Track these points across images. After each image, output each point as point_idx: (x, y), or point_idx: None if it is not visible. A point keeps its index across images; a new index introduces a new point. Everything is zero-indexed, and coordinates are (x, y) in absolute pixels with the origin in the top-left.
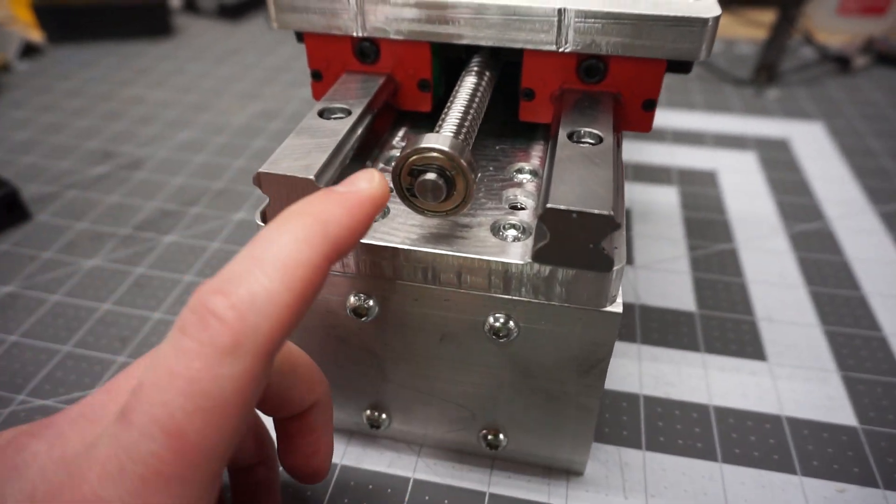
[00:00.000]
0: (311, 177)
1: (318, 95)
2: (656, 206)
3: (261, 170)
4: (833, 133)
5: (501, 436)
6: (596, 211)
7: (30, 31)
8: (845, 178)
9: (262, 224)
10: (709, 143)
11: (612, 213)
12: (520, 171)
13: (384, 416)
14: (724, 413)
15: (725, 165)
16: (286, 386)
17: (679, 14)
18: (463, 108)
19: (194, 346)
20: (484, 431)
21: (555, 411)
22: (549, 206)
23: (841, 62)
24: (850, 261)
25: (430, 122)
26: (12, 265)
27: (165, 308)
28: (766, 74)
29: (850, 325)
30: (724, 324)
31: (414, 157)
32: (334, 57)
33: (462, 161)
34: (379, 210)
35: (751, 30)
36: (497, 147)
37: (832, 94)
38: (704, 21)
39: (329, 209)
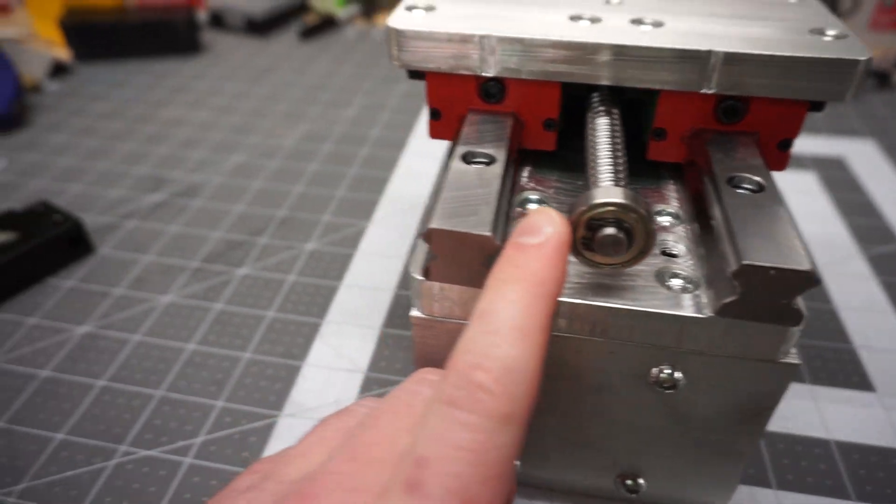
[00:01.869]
0: (489, 233)
1: (435, 134)
2: None
3: (432, 226)
4: (887, 150)
5: (641, 480)
6: (797, 268)
7: (57, 49)
8: None
9: (423, 279)
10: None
11: (812, 269)
12: (659, 213)
13: (517, 462)
14: (846, 448)
15: (787, 186)
16: None
17: (832, 56)
18: (611, 153)
19: (473, 420)
20: (622, 476)
21: (705, 456)
22: (745, 262)
23: (879, 77)
24: None
25: (553, 159)
26: (84, 303)
27: (254, 347)
28: None
29: None
30: (824, 353)
31: (589, 213)
32: (457, 96)
33: (643, 213)
34: (569, 249)
35: None
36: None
37: (876, 110)
38: (856, 63)
39: (538, 267)
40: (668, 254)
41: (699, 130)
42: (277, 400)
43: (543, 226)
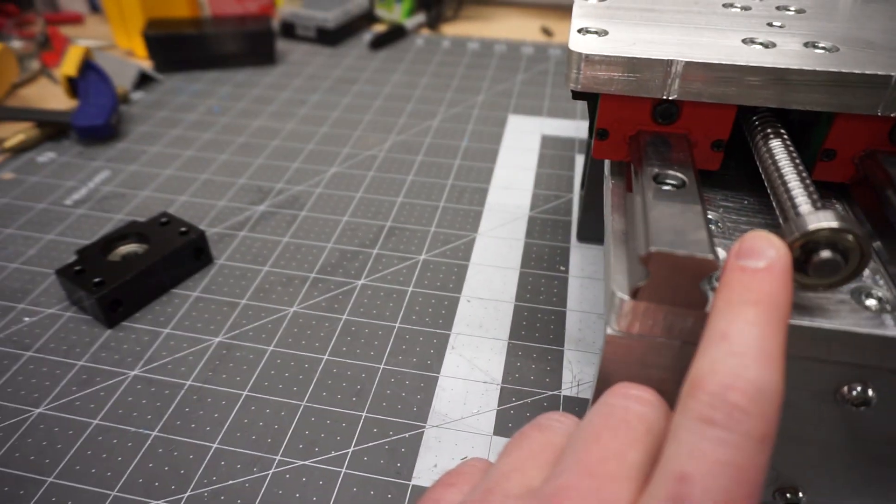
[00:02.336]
0: (711, 256)
1: (600, 153)
2: None
3: (653, 250)
4: None
5: (801, 493)
6: None
7: (142, 60)
8: None
9: (628, 298)
10: None
11: None
12: None
13: None
14: None
15: None
16: None
17: None
18: (797, 175)
19: (735, 439)
20: (780, 488)
21: (871, 471)
22: None
23: None
24: None
25: (713, 178)
26: (213, 313)
27: (387, 358)
28: None
29: None
30: None
31: (804, 239)
32: (629, 118)
33: (860, 235)
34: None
35: None
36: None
37: None
38: None
39: (771, 290)
40: None
41: (871, 152)
42: (420, 411)
43: (766, 249)
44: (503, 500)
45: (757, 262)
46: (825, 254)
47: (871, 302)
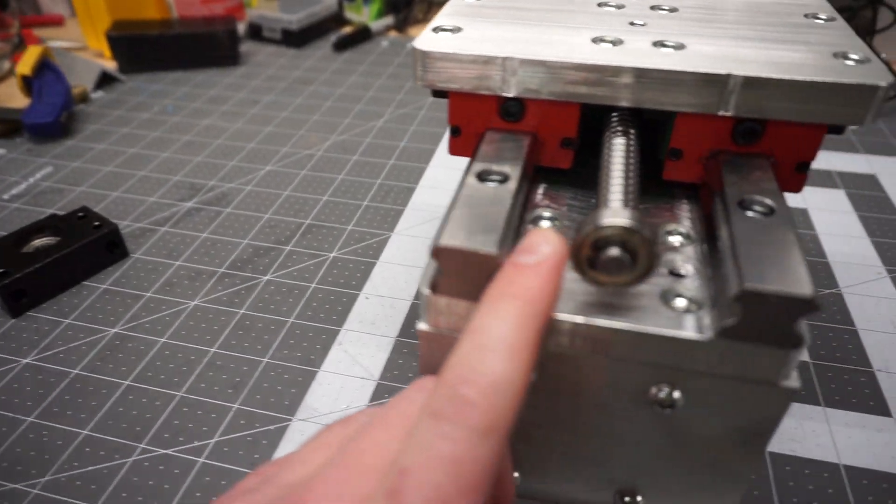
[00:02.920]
0: (495, 252)
1: (455, 150)
2: None
3: (441, 244)
4: None
5: (640, 498)
6: (798, 294)
7: (105, 60)
8: None
9: (430, 293)
10: None
11: (813, 295)
12: (670, 233)
13: (517, 474)
14: (856, 474)
15: (815, 204)
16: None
17: (852, 81)
18: (623, 174)
19: (456, 432)
20: (620, 492)
21: (704, 477)
22: (746, 287)
23: None
24: None
25: (567, 176)
26: (117, 305)
27: (272, 353)
28: None
29: None
30: (841, 375)
31: (595, 235)
32: (477, 115)
33: (647, 235)
34: (564, 269)
35: None
36: (641, 206)
37: None
38: (876, 88)
39: (532, 286)
40: (676, 273)
41: (716, 152)
42: (291, 404)
43: (540, 245)
44: (272, 489)
45: (528, 259)
46: (613, 252)
47: (679, 302)
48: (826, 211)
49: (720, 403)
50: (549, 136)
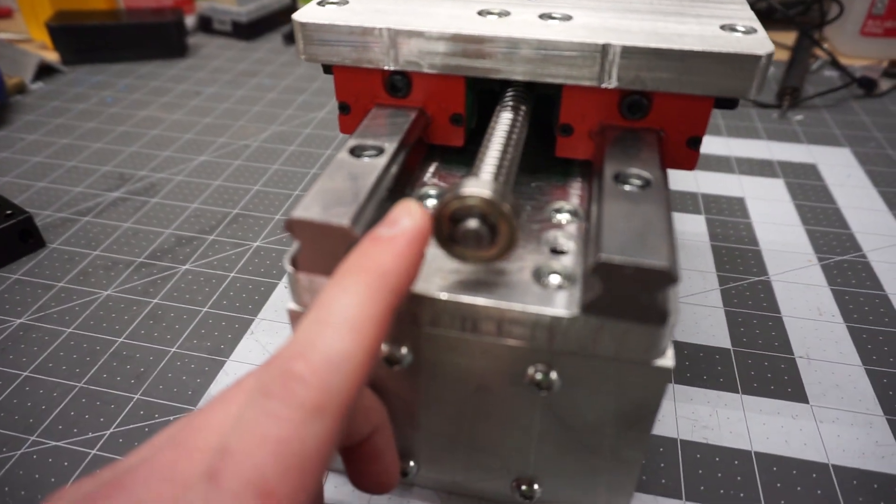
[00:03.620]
0: (347, 224)
1: (345, 128)
2: (685, 235)
3: (293, 216)
4: (861, 159)
5: (536, 486)
6: (652, 265)
7: (45, 52)
8: (878, 208)
9: (293, 269)
10: (735, 169)
11: (669, 266)
12: (558, 210)
13: (412, 463)
14: (767, 460)
15: (753, 192)
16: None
17: (730, 51)
18: (501, 148)
19: (282, 410)
20: (517, 481)
21: (595, 463)
22: (601, 258)
23: (866, 85)
24: (890, 296)
25: (462, 156)
26: (25, 296)
27: (181, 342)
28: (790, 98)
29: (893, 366)
30: (761, 362)
31: (455, 204)
32: (363, 90)
33: (506, 208)
34: (427, 242)
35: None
36: (532, 184)
37: (857, 118)
38: (757, 58)
39: (384, 259)
40: (558, 251)
41: (606, 127)
42: (195, 394)
43: (402, 218)
44: (107, 472)
45: (387, 231)
46: (471, 223)
47: (553, 279)
48: (763, 200)
49: (596, 385)
50: (438, 111)
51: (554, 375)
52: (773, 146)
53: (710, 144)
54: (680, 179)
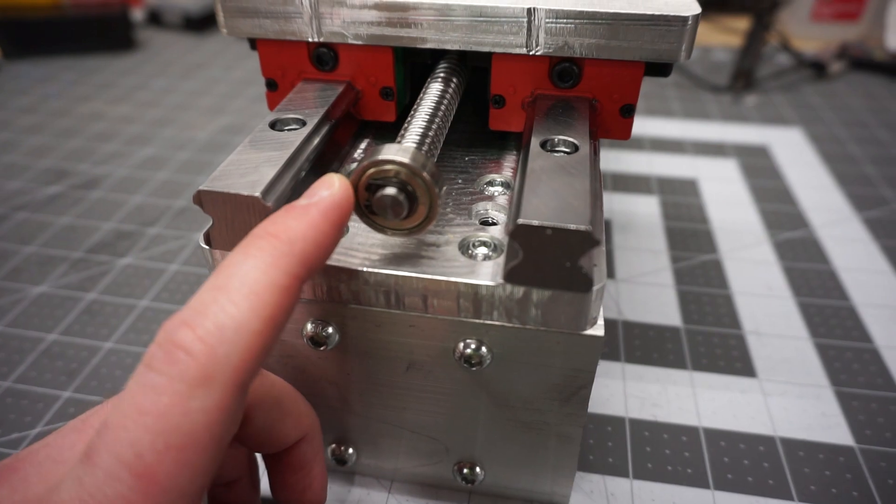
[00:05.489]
0: (257, 194)
1: (273, 106)
2: (637, 216)
3: (201, 187)
4: (812, 139)
5: (478, 469)
6: (572, 226)
7: None
8: (827, 185)
9: (206, 247)
10: (688, 151)
11: (589, 228)
12: (490, 183)
13: (350, 450)
14: (714, 435)
15: (706, 173)
16: (270, 420)
17: (656, 13)
18: (427, 117)
19: (163, 382)
20: (459, 465)
21: (534, 442)
22: (520, 221)
23: (817, 68)
24: (837, 270)
25: (395, 132)
26: None
27: (118, 337)
28: (743, 81)
29: (840, 338)
30: (711, 339)
31: (371, 171)
32: (289, 65)
33: (425, 174)
34: (346, 217)
35: (726, 36)
36: (466, 158)
37: (809, 100)
38: (684, 20)
39: (292, 225)
40: (488, 223)
41: (538, 97)
42: None
43: (320, 188)
44: (9, 457)
45: (304, 201)
46: (389, 191)
47: (481, 251)
48: (715, 180)
49: (527, 358)
50: (367, 85)
51: (484, 350)
52: (726, 129)
53: (665, 127)
54: (633, 162)
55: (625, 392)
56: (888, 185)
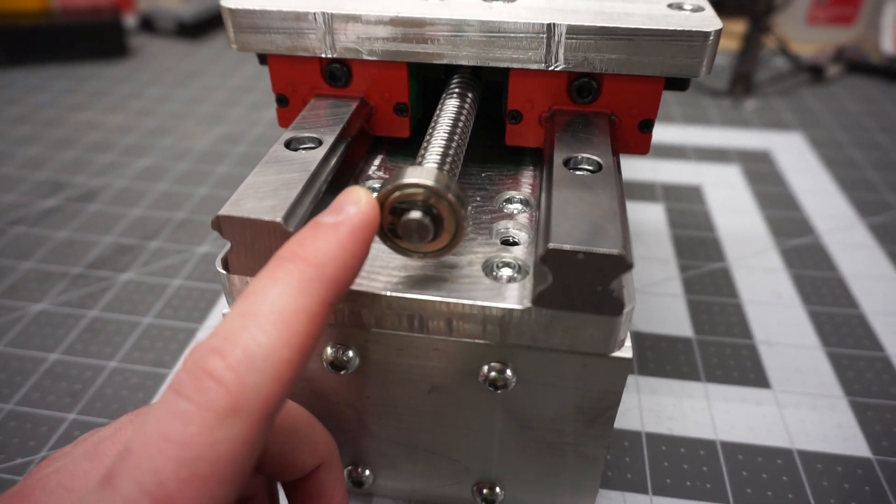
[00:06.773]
0: (279, 219)
1: (284, 122)
2: (643, 224)
3: (221, 212)
4: (813, 143)
5: (498, 489)
6: (605, 251)
7: None
8: (831, 191)
9: (224, 272)
10: (691, 157)
11: (623, 252)
12: (509, 200)
13: (367, 472)
14: (732, 449)
15: (710, 179)
16: (288, 447)
17: (678, 28)
18: (446, 136)
19: (191, 410)
20: (479, 485)
21: (557, 462)
22: (551, 246)
23: (814, 72)
24: (845, 277)
25: (409, 147)
26: None
27: (122, 356)
28: (742, 85)
29: (852, 346)
30: (724, 349)
31: (396, 195)
32: (301, 80)
33: (450, 196)
34: (374, 234)
35: (723, 40)
36: (483, 174)
37: (808, 103)
38: (706, 35)
39: (321, 247)
40: (509, 242)
41: (556, 112)
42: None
43: (347, 205)
44: (19, 484)
45: (329, 219)
46: (414, 214)
47: (505, 272)
48: (719, 186)
49: (553, 381)
50: (381, 101)
51: (509, 373)
52: (727, 133)
53: (666, 133)
54: (637, 168)
55: (640, 405)
56: (891, 191)
